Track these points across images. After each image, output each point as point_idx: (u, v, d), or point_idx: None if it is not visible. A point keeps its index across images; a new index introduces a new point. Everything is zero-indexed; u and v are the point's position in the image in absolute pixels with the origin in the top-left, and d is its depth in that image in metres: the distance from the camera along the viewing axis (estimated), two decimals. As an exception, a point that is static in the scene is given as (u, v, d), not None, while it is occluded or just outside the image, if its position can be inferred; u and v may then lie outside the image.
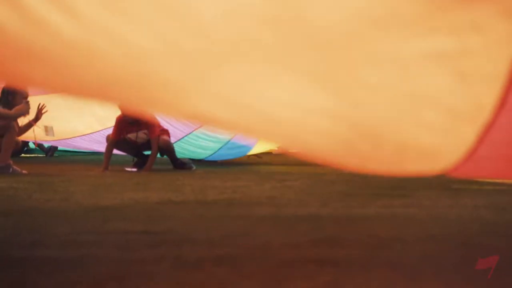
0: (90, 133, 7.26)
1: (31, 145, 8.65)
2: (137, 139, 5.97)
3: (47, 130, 8.24)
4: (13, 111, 5.38)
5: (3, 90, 5.57)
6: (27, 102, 5.42)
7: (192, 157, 7.23)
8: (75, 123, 7.25)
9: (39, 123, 5.83)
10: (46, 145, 8.86)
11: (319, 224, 2.63)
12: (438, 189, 4.20)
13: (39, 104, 5.71)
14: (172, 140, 6.36)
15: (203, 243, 2.21)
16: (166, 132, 6.26)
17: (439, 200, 3.48)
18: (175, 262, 1.87)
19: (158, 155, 6.09)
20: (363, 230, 2.52)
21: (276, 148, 9.98)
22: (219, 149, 7.32)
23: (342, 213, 2.95)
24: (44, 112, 5.69)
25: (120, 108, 5.74)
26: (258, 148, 7.91)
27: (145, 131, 5.94)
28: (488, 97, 1.47)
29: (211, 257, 1.93)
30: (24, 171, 5.40)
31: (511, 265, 1.85)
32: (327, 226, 2.59)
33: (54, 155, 9.30)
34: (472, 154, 1.61)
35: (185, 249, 2.08)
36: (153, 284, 1.62)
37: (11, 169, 5.36)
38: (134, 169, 6.01)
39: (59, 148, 9.29)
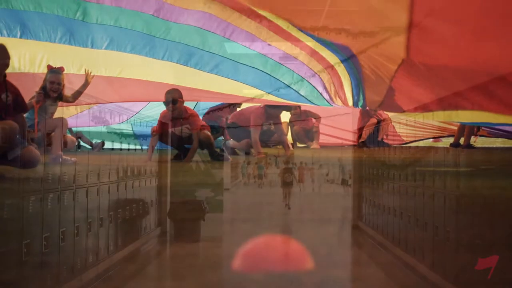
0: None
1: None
2: (182, 133, 6.42)
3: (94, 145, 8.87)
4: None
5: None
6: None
7: None
8: None
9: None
10: (94, 140, 9.39)
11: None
12: (456, 173, 4.53)
13: (86, 70, 6.15)
14: None
15: (232, 210, 2.65)
16: (207, 127, 6.70)
17: (446, 182, 3.81)
18: (210, 220, 2.31)
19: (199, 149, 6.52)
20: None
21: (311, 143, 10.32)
22: None
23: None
24: (93, 77, 6.13)
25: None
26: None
27: (188, 125, 6.38)
28: None
29: (238, 218, 2.36)
30: (73, 158, 5.83)
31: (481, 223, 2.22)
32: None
33: (101, 150, 9.82)
34: None
35: (218, 213, 2.52)
36: (192, 233, 2.06)
37: (60, 159, 5.75)
38: (176, 161, 6.46)
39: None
